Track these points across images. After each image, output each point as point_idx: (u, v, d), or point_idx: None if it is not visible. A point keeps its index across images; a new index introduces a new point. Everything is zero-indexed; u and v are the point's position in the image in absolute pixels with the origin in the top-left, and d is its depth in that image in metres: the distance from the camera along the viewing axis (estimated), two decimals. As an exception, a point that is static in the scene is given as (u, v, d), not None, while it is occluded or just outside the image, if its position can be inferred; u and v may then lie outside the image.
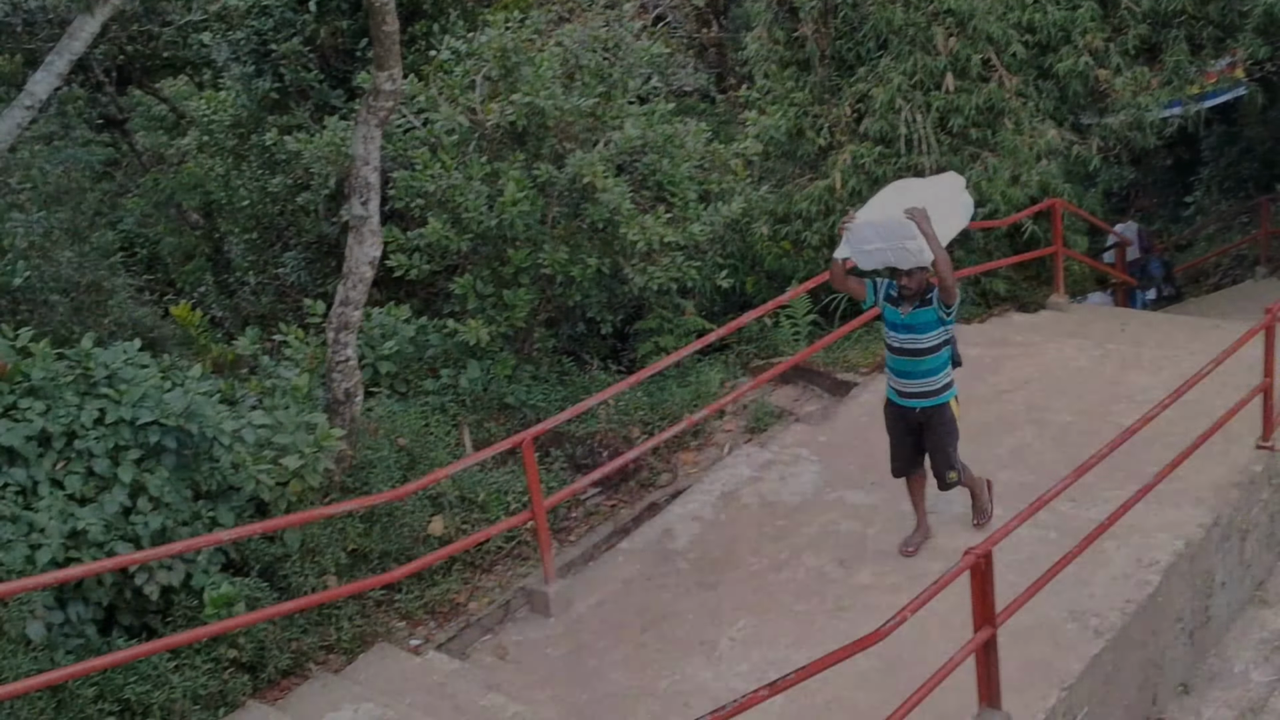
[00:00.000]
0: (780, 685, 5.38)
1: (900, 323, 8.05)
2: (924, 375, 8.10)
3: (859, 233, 7.89)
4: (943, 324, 7.97)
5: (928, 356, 8.05)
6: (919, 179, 8.66)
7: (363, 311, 9.23)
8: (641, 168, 11.31)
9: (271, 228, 14.19)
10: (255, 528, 7.59)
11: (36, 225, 12.22)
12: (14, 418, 7.70)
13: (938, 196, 7.91)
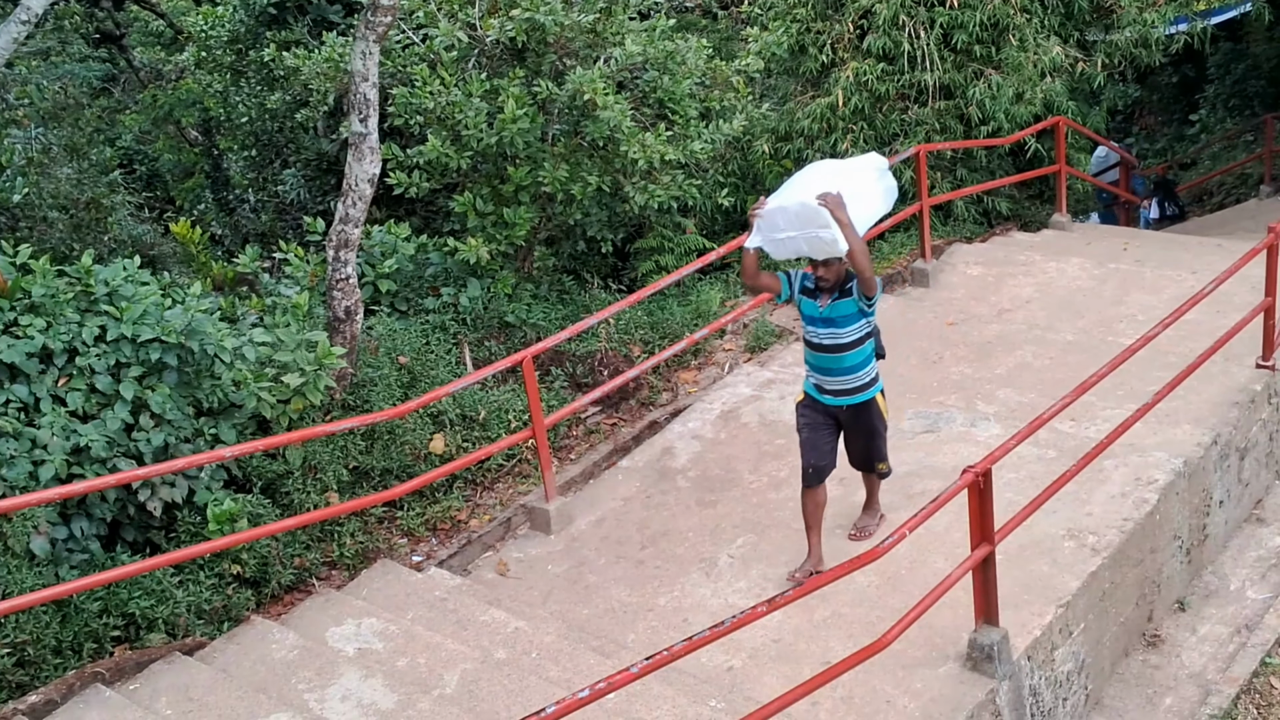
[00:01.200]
0: (779, 601, 5.42)
1: (819, 316, 7.42)
2: (847, 371, 7.46)
3: (770, 220, 7.26)
4: (864, 316, 7.38)
5: (850, 351, 7.42)
6: (839, 161, 7.77)
7: (363, 229, 9.20)
8: (642, 85, 11.22)
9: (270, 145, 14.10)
10: (257, 444, 7.61)
11: (35, 141, 12.16)
12: (14, 334, 7.71)
13: (856, 180, 7.25)
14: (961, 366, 10.17)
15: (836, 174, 7.27)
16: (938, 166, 13.14)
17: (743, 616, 5.31)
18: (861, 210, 7.16)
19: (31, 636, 6.89)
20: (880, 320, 10.51)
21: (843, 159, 7.95)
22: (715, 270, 12.47)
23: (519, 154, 10.64)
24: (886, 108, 13.02)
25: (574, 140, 10.78)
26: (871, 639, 6.08)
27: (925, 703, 6.44)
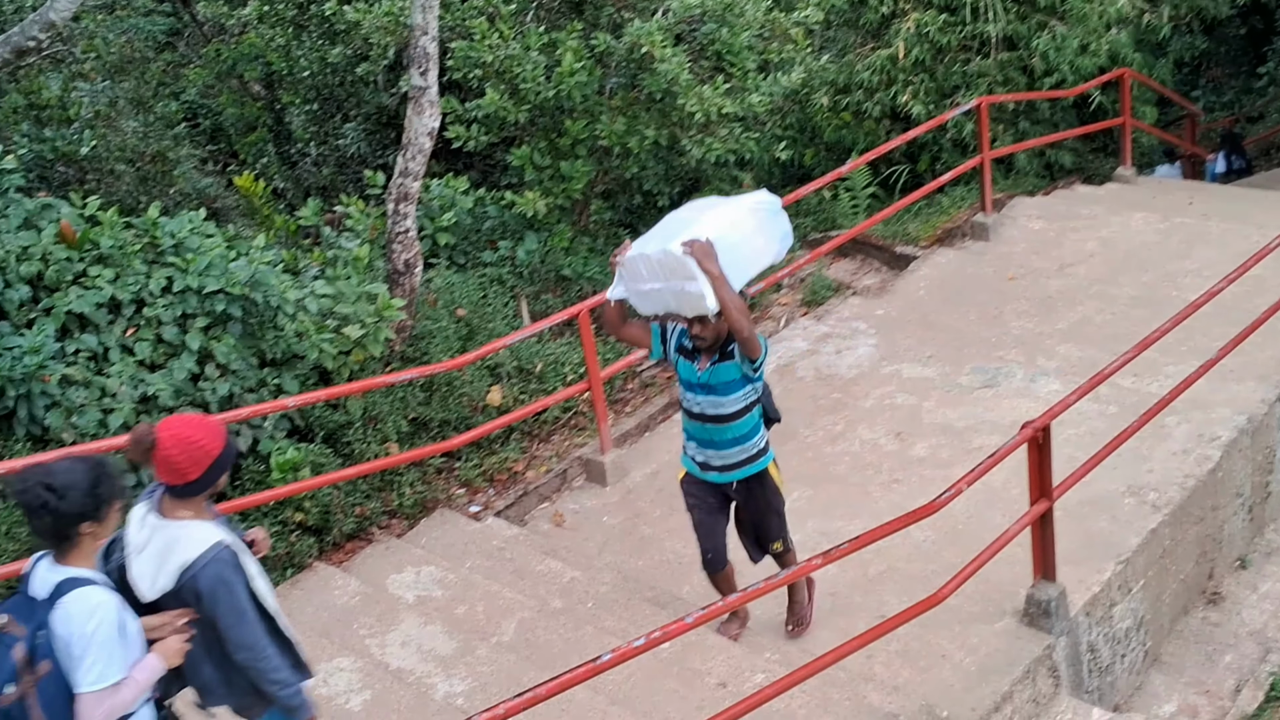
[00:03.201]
0: (834, 554, 5.44)
1: (696, 382, 6.22)
2: (731, 444, 6.30)
3: (632, 268, 6.08)
4: (749, 381, 6.18)
5: (733, 423, 6.23)
6: (722, 199, 6.47)
7: (421, 183, 9.25)
8: (700, 37, 11.16)
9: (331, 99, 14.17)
10: (319, 395, 7.71)
11: (101, 95, 12.29)
12: (84, 285, 7.84)
13: (737, 223, 6.04)
14: (1022, 321, 10.10)
15: (714, 215, 6.08)
16: (1000, 119, 12.99)
17: (797, 569, 5.35)
18: (741, 259, 6.00)
19: (101, 581, 7.05)
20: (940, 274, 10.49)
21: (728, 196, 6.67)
22: (773, 224, 12.42)
23: (576, 107, 10.63)
24: (948, 59, 12.89)
25: (631, 93, 10.76)
26: (927, 593, 6.09)
27: (981, 657, 6.46)
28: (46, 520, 4.00)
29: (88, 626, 3.97)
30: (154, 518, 4.39)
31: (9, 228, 7.91)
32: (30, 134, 10.96)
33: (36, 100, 11.05)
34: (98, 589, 4.06)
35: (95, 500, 4.05)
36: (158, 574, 4.31)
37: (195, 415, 4.47)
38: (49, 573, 4.08)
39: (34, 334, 7.30)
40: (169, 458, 4.27)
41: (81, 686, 3.98)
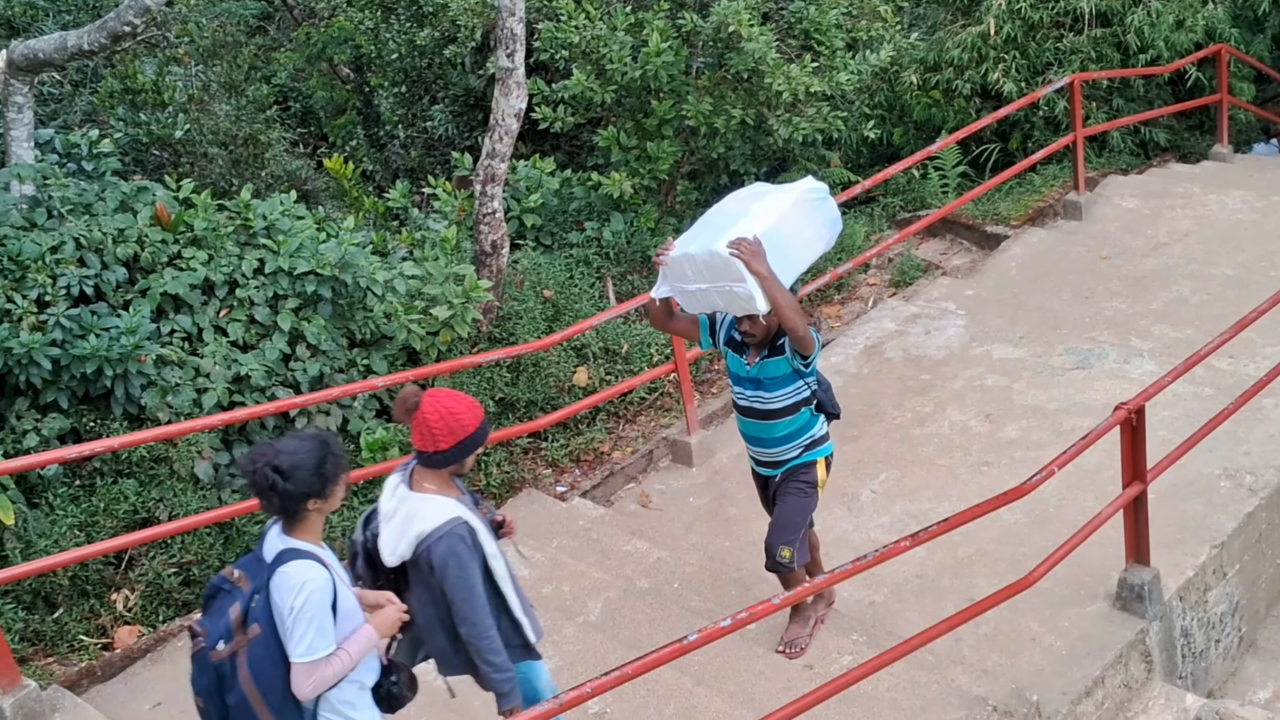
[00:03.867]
0: (922, 537, 5.40)
1: (745, 376, 6.07)
2: (778, 443, 6.12)
3: (676, 268, 5.86)
4: (800, 378, 5.99)
5: (780, 420, 6.05)
6: (766, 187, 6.24)
7: (508, 164, 9.29)
8: (788, 15, 11.09)
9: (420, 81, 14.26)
10: (407, 375, 7.79)
11: (195, 79, 12.47)
12: (178, 267, 7.98)
13: (784, 216, 5.82)
14: (1115, 301, 9.95)
15: (760, 208, 5.86)
16: (1093, 96, 12.78)
17: (885, 550, 5.31)
18: (792, 253, 5.82)
19: (196, 557, 7.20)
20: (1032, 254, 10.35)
21: (773, 184, 6.37)
22: (860, 204, 12.33)
23: (663, 87, 10.61)
24: (1040, 36, 12.68)
25: (718, 73, 10.72)
26: (1017, 576, 6.04)
27: (1072, 641, 6.39)
28: (274, 500, 4.15)
29: (297, 599, 4.08)
30: (403, 489, 4.62)
31: (106, 210, 8.07)
32: (126, 118, 11.16)
33: (132, 85, 11.24)
34: (313, 564, 4.17)
35: (321, 479, 4.17)
36: (398, 542, 4.53)
37: (461, 393, 4.66)
38: (276, 539, 4.24)
39: (130, 315, 7.44)
40: (427, 422, 4.48)
41: (293, 656, 4.11)
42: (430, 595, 4.60)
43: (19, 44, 8.50)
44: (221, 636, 4.14)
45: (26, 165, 8.16)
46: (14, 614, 6.72)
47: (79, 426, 7.39)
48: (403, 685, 4.55)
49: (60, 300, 7.39)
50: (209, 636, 4.17)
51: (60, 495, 7.16)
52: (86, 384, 7.33)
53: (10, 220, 7.63)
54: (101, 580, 7.11)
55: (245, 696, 4.13)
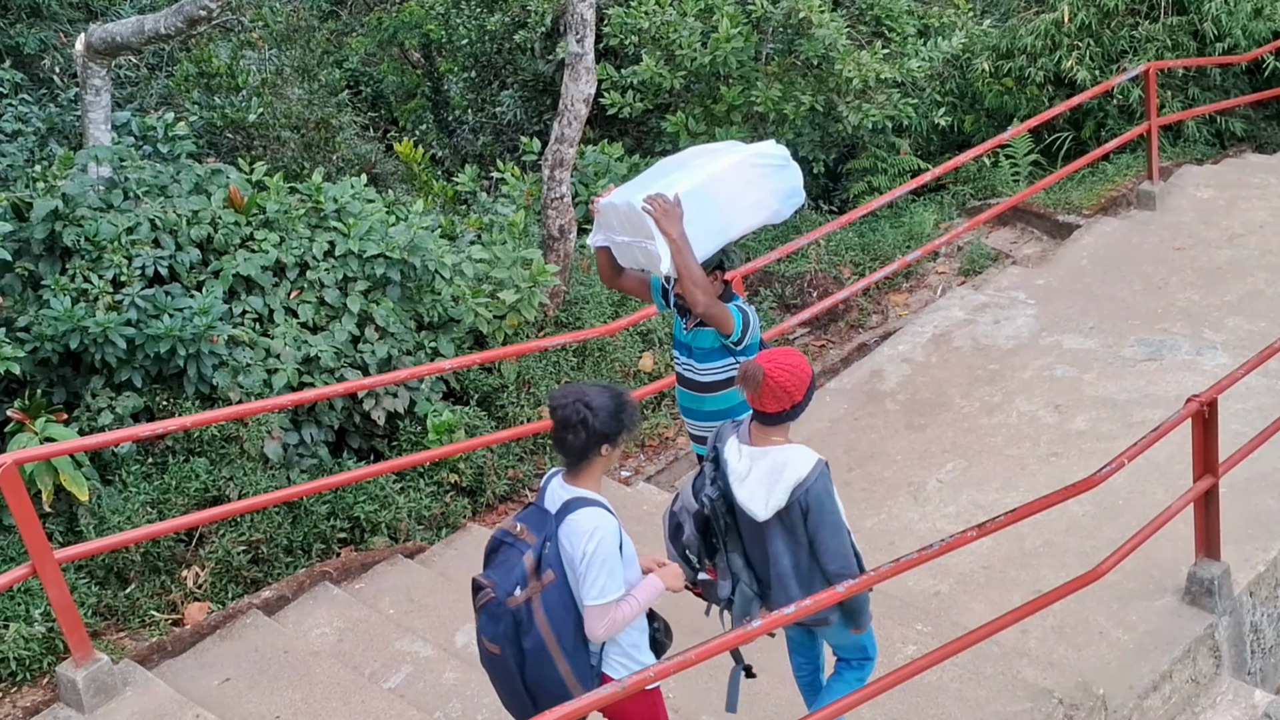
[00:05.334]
0: (989, 527, 5.36)
1: (680, 340, 5.88)
2: (705, 418, 5.91)
3: (606, 217, 5.70)
4: (729, 355, 5.72)
5: (710, 395, 5.84)
6: (730, 145, 5.95)
7: (577, 149, 9.31)
8: (859, 2, 11.04)
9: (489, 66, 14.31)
10: (474, 358, 7.84)
11: (268, 63, 12.59)
12: (250, 248, 8.07)
13: (726, 176, 5.53)
14: (1188, 293, 9.81)
15: (701, 165, 5.60)
16: (1168, 85, 12.59)
17: (951, 540, 5.27)
18: (720, 218, 5.51)
19: (265, 535, 7.28)
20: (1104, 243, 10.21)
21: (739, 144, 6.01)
22: (930, 191, 12.24)
23: (732, 73, 10.60)
24: (1114, 23, 12.51)
25: (788, 59, 10.69)
26: (1085, 569, 5.98)
27: (1140, 635, 6.32)
28: (580, 435, 4.35)
29: (589, 545, 4.30)
30: (747, 448, 4.74)
31: (181, 192, 8.18)
32: (201, 101, 11.29)
33: (207, 69, 11.37)
34: (601, 510, 4.39)
35: (617, 425, 4.41)
36: (769, 494, 4.64)
37: (783, 347, 4.90)
38: (559, 489, 4.48)
39: (203, 296, 7.54)
40: (780, 384, 4.60)
41: (586, 599, 4.33)
42: (793, 542, 4.74)
43: (97, 27, 8.62)
44: (518, 583, 4.34)
45: (104, 147, 8.29)
46: (87, 589, 6.83)
47: (152, 405, 7.50)
48: (663, 632, 4.80)
49: (135, 280, 7.50)
50: (497, 587, 4.38)
51: (133, 473, 7.28)
52: (160, 363, 7.43)
53: (88, 201, 7.75)
54: (172, 557, 7.21)
55: (542, 639, 4.35)
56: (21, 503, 5.69)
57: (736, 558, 4.89)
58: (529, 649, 4.36)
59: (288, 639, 6.62)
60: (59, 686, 6.17)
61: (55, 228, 7.53)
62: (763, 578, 4.88)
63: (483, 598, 4.43)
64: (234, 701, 6.20)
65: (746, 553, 4.88)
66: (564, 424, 4.36)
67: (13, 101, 10.12)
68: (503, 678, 4.48)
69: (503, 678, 4.48)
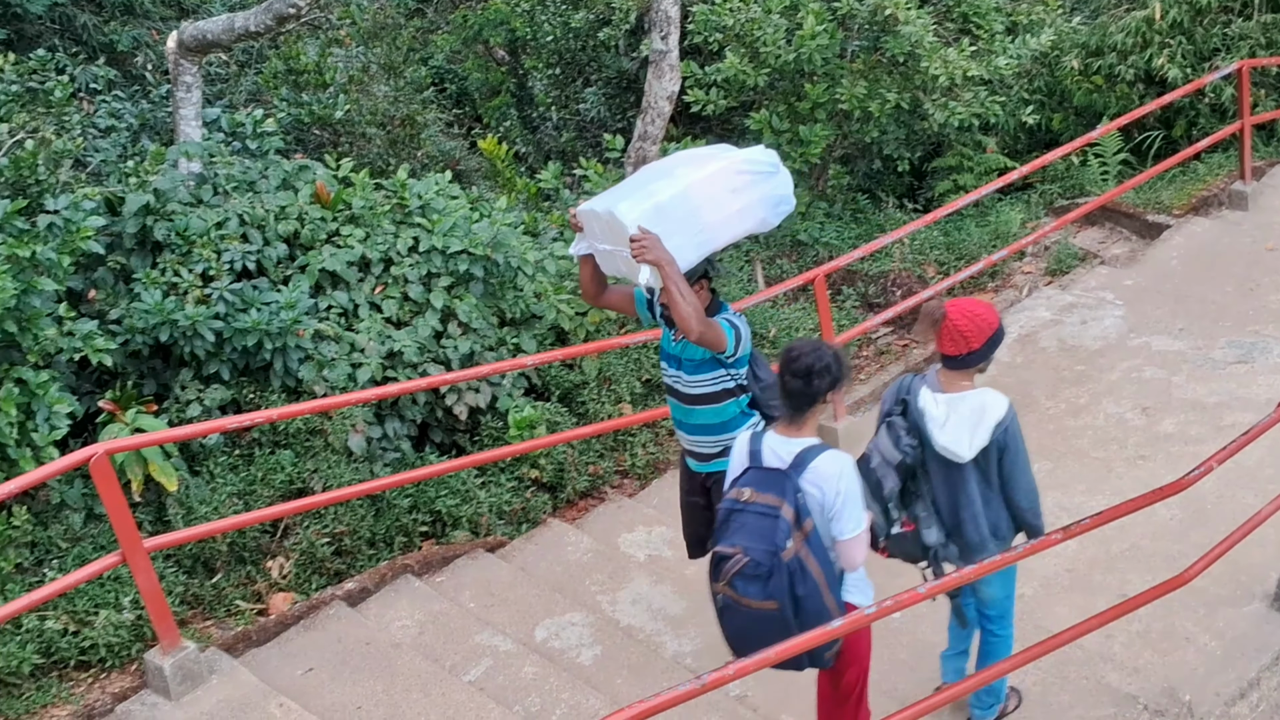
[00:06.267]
0: (1074, 530, 5.29)
1: (668, 352, 5.73)
2: (696, 432, 5.75)
3: (588, 223, 5.51)
4: (720, 367, 5.57)
5: (699, 408, 5.68)
6: (719, 149, 5.70)
7: (660, 146, 9.32)
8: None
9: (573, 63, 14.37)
10: (556, 354, 7.87)
11: (355, 60, 12.73)
12: (336, 244, 8.17)
13: (710, 184, 5.35)
14: (1288, 289, 9.61)
15: (686, 172, 5.40)
16: (1261, 83, 12.34)
17: (1036, 543, 5.22)
18: (702, 227, 5.34)
19: (349, 528, 7.36)
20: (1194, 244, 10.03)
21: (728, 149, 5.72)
22: (1016, 190, 12.10)
23: (817, 71, 10.54)
24: (1207, 21, 12.29)
25: (873, 56, 10.61)
26: (1172, 573, 5.87)
27: (1228, 642, 6.20)
28: (824, 380, 4.67)
29: (841, 484, 4.62)
30: (941, 395, 5.03)
31: (268, 188, 8.29)
32: (289, 98, 11.44)
33: (295, 66, 11.51)
34: (838, 452, 4.72)
35: (843, 373, 4.75)
36: (973, 435, 4.94)
37: (975, 298, 5.14)
38: (782, 446, 4.74)
39: (290, 290, 7.64)
40: (958, 328, 4.91)
41: (844, 534, 4.66)
42: (984, 483, 5.05)
43: (189, 25, 8.77)
44: (785, 537, 4.55)
45: (194, 143, 8.42)
46: (175, 578, 6.94)
47: (239, 398, 7.61)
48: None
49: (224, 275, 7.61)
50: (748, 550, 4.58)
51: (220, 464, 7.39)
52: (247, 356, 7.54)
53: (178, 196, 7.88)
54: (258, 548, 7.32)
55: (816, 584, 4.62)
56: (112, 492, 5.80)
57: (922, 506, 5.18)
58: (803, 595, 4.59)
59: (370, 630, 6.69)
60: (147, 673, 6.28)
61: (146, 222, 7.67)
62: (949, 523, 5.16)
63: (734, 564, 4.61)
64: (316, 691, 6.28)
65: (945, 499, 5.14)
66: (807, 371, 4.63)
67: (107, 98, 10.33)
68: (771, 632, 4.60)
69: (771, 632, 4.60)
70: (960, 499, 5.09)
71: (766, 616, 4.62)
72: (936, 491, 5.17)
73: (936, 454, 5.06)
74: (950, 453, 4.97)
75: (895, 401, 5.19)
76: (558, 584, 7.21)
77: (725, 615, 4.77)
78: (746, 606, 4.64)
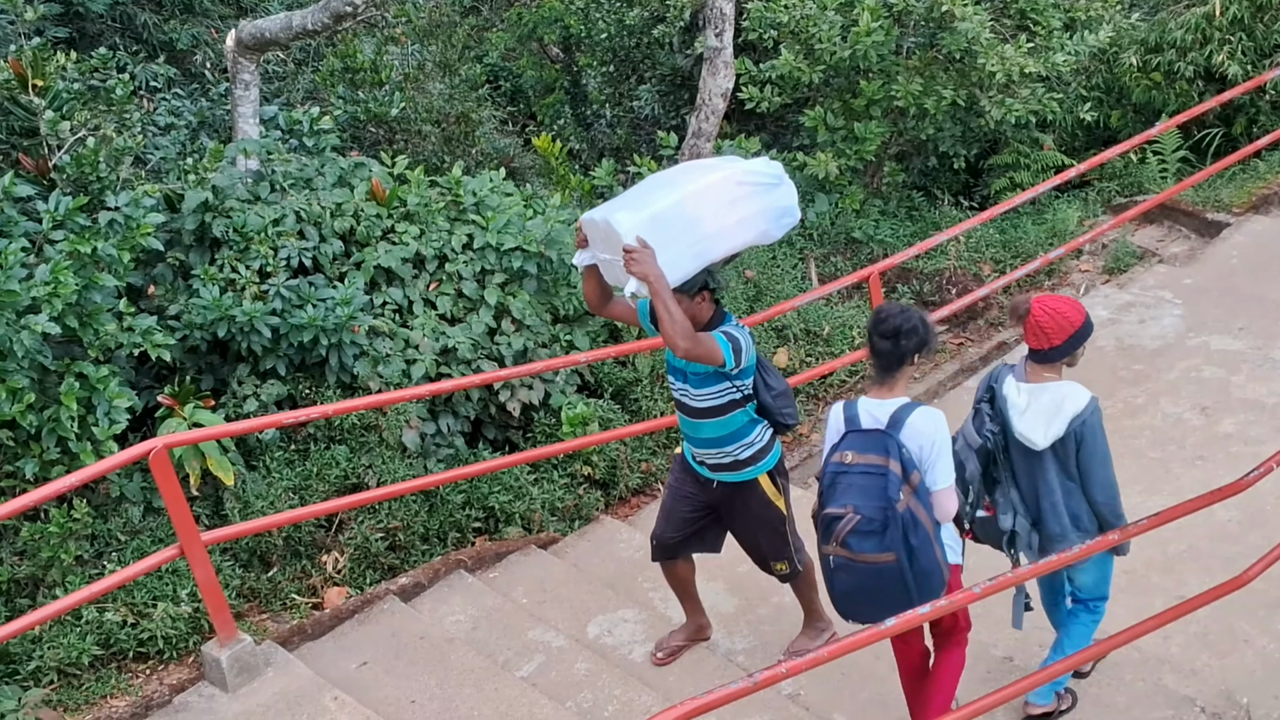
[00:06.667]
0: (1131, 530, 5.25)
1: (673, 365, 5.64)
2: (706, 445, 5.73)
3: (591, 234, 5.40)
4: (727, 380, 5.53)
5: (707, 420, 5.65)
6: (723, 160, 5.59)
7: (714, 144, 9.30)
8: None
9: (627, 61, 14.36)
10: (609, 351, 7.88)
11: (410, 58, 12.79)
12: (391, 240, 8.22)
13: (707, 195, 5.25)
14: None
15: (687, 181, 5.32)
16: (1326, 79, 12.16)
17: (1094, 543, 5.18)
18: (699, 239, 5.24)
19: (402, 523, 7.40)
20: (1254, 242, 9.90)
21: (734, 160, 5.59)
22: (1074, 188, 11.99)
23: (872, 67, 10.49)
24: (1268, 17, 12.11)
25: (929, 53, 10.55)
26: (1230, 575, 5.81)
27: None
28: (911, 340, 5.00)
29: (937, 436, 4.96)
30: (1024, 385, 5.25)
31: (325, 185, 8.34)
32: (345, 96, 11.51)
33: (352, 64, 11.58)
34: (929, 408, 5.05)
35: (930, 335, 5.07)
36: (1049, 425, 5.15)
37: (1064, 295, 5.35)
38: (876, 408, 5.05)
39: (345, 286, 7.69)
40: (1040, 324, 5.14)
41: (937, 485, 4.99)
42: (1063, 474, 5.24)
43: (247, 24, 8.83)
44: (897, 490, 4.85)
45: (252, 141, 8.50)
46: (231, 571, 7.01)
47: (295, 393, 7.68)
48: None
49: (280, 271, 7.68)
50: (861, 508, 4.88)
51: (276, 459, 7.46)
52: (303, 352, 7.60)
53: (236, 193, 7.96)
54: (313, 542, 7.38)
55: (926, 532, 4.92)
56: (171, 486, 5.87)
57: (1014, 491, 5.38)
58: (917, 545, 4.88)
59: (423, 625, 6.73)
60: (204, 665, 6.35)
61: (205, 219, 7.75)
62: (1033, 511, 5.36)
63: (846, 524, 4.90)
64: (371, 684, 6.33)
65: (1026, 487, 5.34)
66: (895, 332, 4.97)
67: (166, 96, 10.44)
68: (887, 585, 4.92)
69: (887, 585, 4.92)
70: (1040, 488, 5.29)
71: (883, 570, 4.89)
72: (1020, 480, 5.37)
73: (1018, 442, 5.27)
74: (1027, 440, 5.19)
75: (985, 389, 5.43)
76: (610, 581, 7.22)
77: (838, 575, 5.02)
78: (864, 562, 4.91)
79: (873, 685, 6.01)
